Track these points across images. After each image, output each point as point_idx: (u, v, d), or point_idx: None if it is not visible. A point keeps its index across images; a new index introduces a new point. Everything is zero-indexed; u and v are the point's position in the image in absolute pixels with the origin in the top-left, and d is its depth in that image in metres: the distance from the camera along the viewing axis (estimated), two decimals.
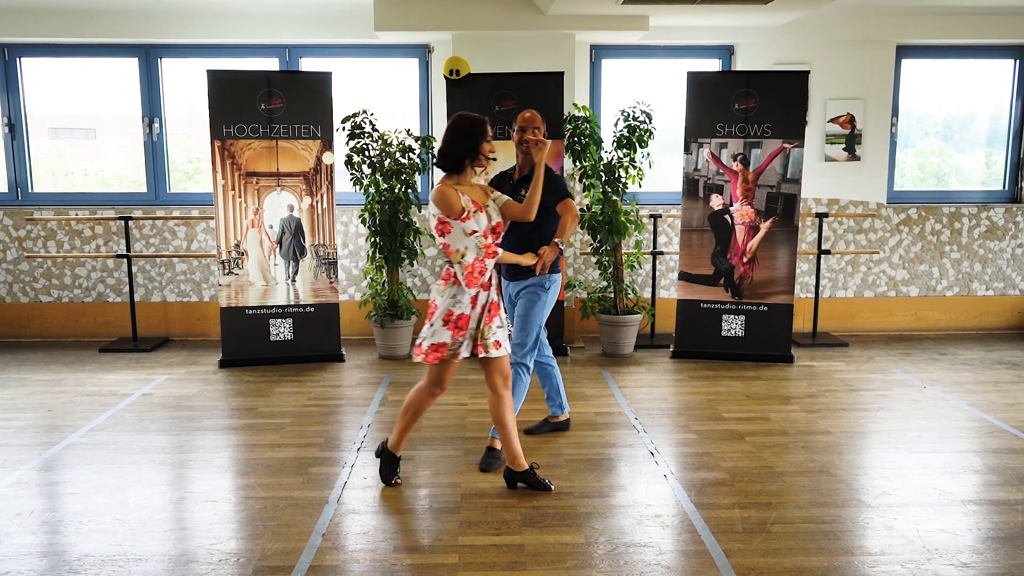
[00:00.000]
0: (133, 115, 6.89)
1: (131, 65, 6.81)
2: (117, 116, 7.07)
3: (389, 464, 3.79)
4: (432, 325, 3.56)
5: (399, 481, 3.79)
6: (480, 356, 3.62)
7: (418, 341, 3.62)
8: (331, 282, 6.17)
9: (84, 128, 7.25)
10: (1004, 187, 7.27)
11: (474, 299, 3.56)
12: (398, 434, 3.78)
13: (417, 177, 6.32)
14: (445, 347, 3.56)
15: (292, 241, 6.08)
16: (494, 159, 3.65)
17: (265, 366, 6.02)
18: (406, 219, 6.16)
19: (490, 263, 3.56)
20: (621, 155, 6.16)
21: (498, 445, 4.04)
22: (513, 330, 4.11)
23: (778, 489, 3.74)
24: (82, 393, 5.33)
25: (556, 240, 3.95)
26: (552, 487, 3.72)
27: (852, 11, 6.68)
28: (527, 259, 3.83)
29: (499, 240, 3.64)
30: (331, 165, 6.09)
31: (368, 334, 6.91)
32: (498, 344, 3.63)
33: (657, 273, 6.95)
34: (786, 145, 5.99)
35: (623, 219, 6.11)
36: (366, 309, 6.63)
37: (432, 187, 6.90)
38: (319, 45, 6.83)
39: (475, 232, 3.48)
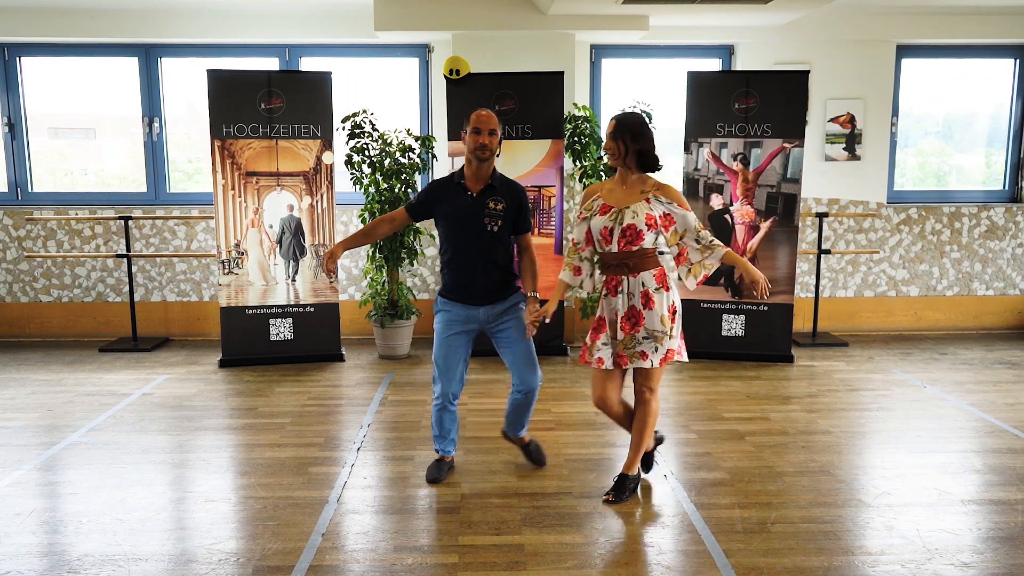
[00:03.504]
0: (133, 115, 6.89)
1: (131, 65, 6.81)
2: (117, 116, 7.07)
3: (644, 470, 3.82)
4: (674, 326, 3.50)
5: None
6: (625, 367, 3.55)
7: (674, 347, 3.50)
8: (331, 282, 6.17)
9: (84, 128, 7.25)
10: (1004, 187, 7.27)
11: None
12: (635, 453, 3.65)
13: (417, 177, 6.32)
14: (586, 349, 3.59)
15: (292, 241, 6.08)
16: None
17: (265, 366, 6.02)
18: None
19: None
20: None
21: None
22: (522, 361, 3.73)
23: (778, 489, 3.74)
24: (82, 393, 5.33)
25: (532, 294, 3.65)
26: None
27: (852, 11, 6.68)
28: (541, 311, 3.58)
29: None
30: (331, 165, 6.09)
31: (368, 334, 6.91)
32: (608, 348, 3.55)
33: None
34: (786, 145, 5.98)
35: None
36: (366, 309, 6.64)
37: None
38: (319, 45, 6.83)
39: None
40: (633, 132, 3.41)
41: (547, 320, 3.55)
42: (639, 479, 3.72)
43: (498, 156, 3.80)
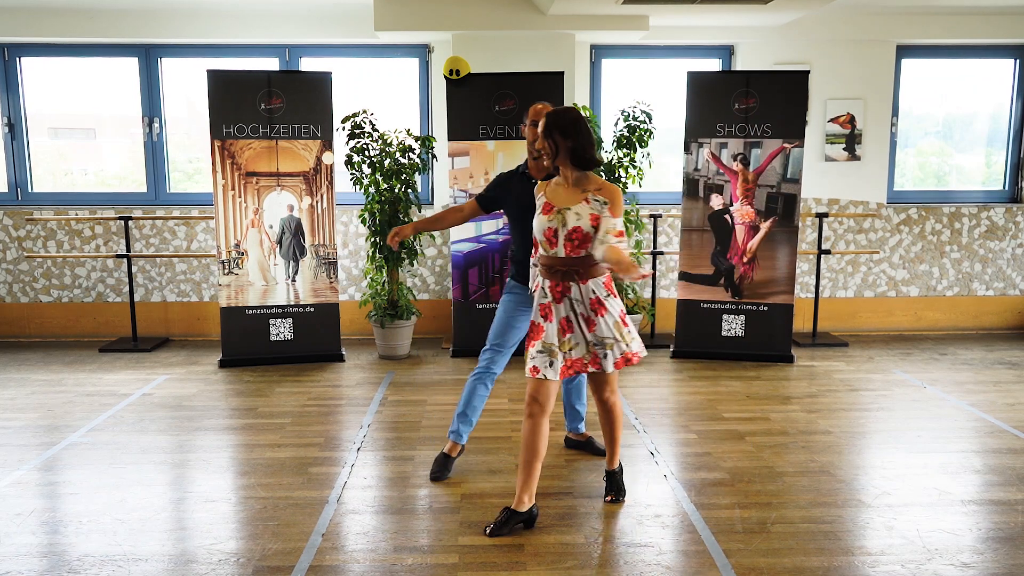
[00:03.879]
0: (133, 115, 6.89)
1: (131, 65, 6.81)
2: (117, 116, 7.07)
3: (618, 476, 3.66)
4: (628, 330, 3.37)
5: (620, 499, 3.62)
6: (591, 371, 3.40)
7: (626, 352, 3.37)
8: (331, 282, 6.17)
9: (84, 128, 7.25)
10: (1004, 187, 7.27)
11: None
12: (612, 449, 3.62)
13: (417, 177, 6.32)
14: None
15: (292, 241, 6.08)
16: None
17: (265, 366, 6.02)
18: (406, 219, 6.16)
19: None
20: (621, 155, 6.16)
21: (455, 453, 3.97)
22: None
23: (778, 489, 3.74)
24: (82, 393, 5.33)
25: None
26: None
27: (852, 11, 6.68)
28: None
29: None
30: (331, 165, 6.09)
31: (368, 334, 6.91)
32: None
33: (657, 273, 6.95)
34: (786, 145, 5.98)
35: (623, 219, 6.10)
36: (366, 309, 6.63)
37: (432, 187, 6.93)
38: (319, 45, 6.83)
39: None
40: (562, 129, 3.19)
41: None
42: (622, 469, 3.70)
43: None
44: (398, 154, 6.11)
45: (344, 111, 6.11)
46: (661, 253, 6.76)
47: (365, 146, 6.09)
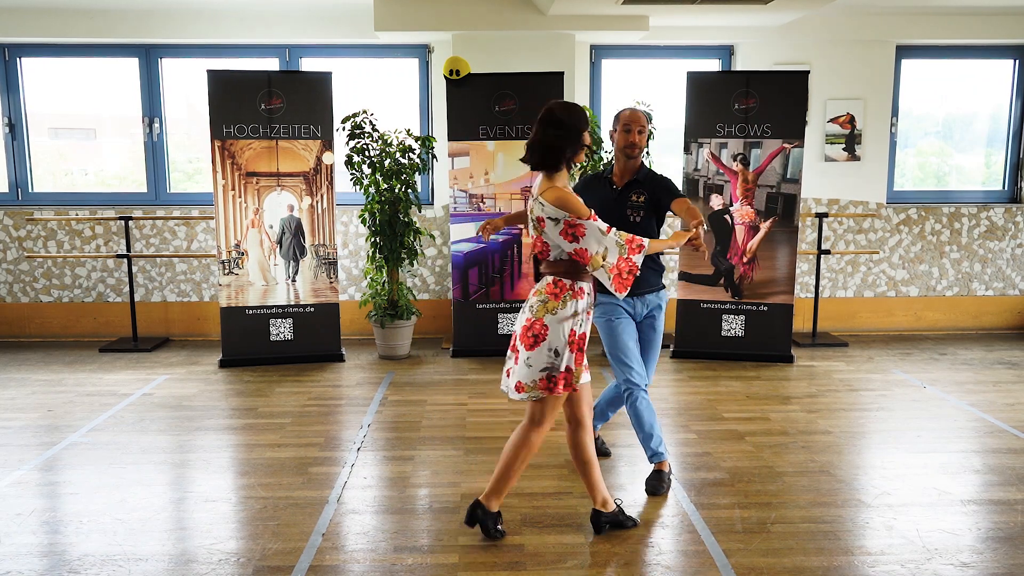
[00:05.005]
0: (133, 115, 6.89)
1: (131, 65, 6.81)
2: (117, 116, 7.07)
3: (488, 520, 3.23)
4: (554, 353, 3.02)
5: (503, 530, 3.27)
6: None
7: (535, 377, 3.03)
8: (331, 282, 6.18)
9: (84, 128, 7.25)
10: (1004, 187, 7.27)
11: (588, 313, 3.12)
12: (494, 485, 3.20)
13: (417, 177, 6.32)
14: (571, 375, 3.07)
15: (292, 241, 6.09)
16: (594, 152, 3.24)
17: (265, 366, 6.02)
18: (406, 219, 6.16)
19: (638, 258, 3.01)
20: None
21: (666, 468, 3.77)
22: (651, 360, 3.80)
23: (778, 489, 3.74)
24: (82, 393, 5.33)
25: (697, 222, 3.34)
26: (638, 522, 3.38)
27: (852, 11, 6.68)
28: (681, 237, 3.17)
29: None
30: (331, 165, 6.09)
31: (368, 334, 6.92)
32: (588, 367, 3.25)
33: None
34: (786, 145, 5.99)
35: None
36: (366, 309, 6.64)
37: (432, 187, 6.93)
38: (319, 45, 6.83)
39: (610, 228, 2.99)
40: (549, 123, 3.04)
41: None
42: (619, 508, 3.34)
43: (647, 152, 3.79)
44: (398, 154, 6.11)
45: (344, 111, 6.11)
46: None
47: (365, 146, 6.09)
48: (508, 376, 3.16)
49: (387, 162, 6.11)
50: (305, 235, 6.09)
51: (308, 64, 6.90)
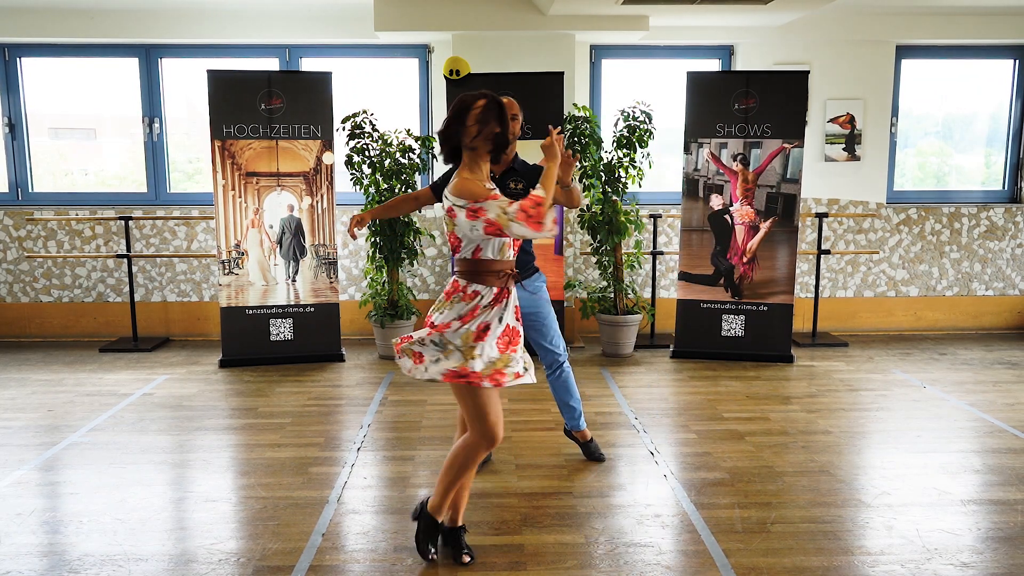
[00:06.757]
0: (133, 115, 6.89)
1: (131, 65, 6.81)
2: (117, 116, 7.07)
3: (427, 530, 3.09)
4: (483, 348, 2.88)
5: (435, 556, 3.09)
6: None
7: (474, 369, 2.88)
8: (331, 282, 6.18)
9: (84, 128, 7.25)
10: (1004, 187, 7.27)
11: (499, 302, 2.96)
12: (440, 495, 3.05)
13: (417, 177, 6.32)
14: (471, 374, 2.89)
15: (292, 241, 6.09)
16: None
17: (265, 366, 6.02)
18: (406, 219, 6.16)
19: (538, 193, 2.83)
20: (621, 155, 6.16)
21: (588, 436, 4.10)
22: (547, 333, 3.90)
23: (778, 489, 3.74)
24: (82, 393, 5.33)
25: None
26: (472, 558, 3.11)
27: (852, 11, 6.69)
28: (551, 168, 2.98)
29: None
30: (331, 165, 6.09)
31: (368, 334, 6.92)
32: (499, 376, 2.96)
33: (657, 273, 6.95)
34: (786, 145, 5.99)
35: (623, 219, 6.11)
36: (366, 309, 6.64)
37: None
38: (319, 45, 6.83)
39: (512, 202, 2.83)
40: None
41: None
42: (438, 526, 3.11)
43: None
44: (398, 154, 6.11)
45: (344, 111, 6.11)
46: (661, 253, 6.76)
47: (365, 146, 6.09)
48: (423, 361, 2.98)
49: (387, 162, 6.11)
50: (305, 235, 6.09)
51: (308, 64, 6.90)
